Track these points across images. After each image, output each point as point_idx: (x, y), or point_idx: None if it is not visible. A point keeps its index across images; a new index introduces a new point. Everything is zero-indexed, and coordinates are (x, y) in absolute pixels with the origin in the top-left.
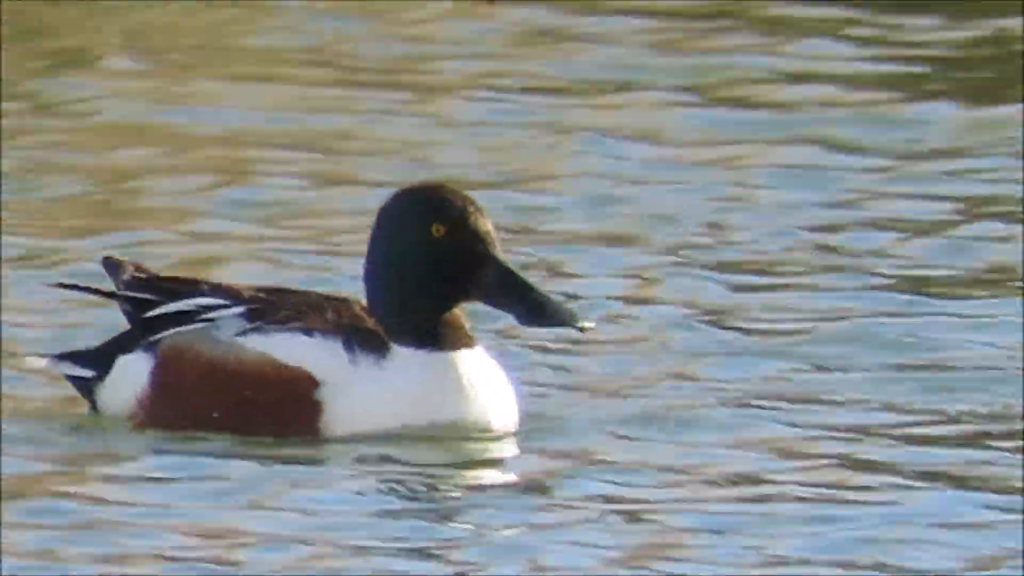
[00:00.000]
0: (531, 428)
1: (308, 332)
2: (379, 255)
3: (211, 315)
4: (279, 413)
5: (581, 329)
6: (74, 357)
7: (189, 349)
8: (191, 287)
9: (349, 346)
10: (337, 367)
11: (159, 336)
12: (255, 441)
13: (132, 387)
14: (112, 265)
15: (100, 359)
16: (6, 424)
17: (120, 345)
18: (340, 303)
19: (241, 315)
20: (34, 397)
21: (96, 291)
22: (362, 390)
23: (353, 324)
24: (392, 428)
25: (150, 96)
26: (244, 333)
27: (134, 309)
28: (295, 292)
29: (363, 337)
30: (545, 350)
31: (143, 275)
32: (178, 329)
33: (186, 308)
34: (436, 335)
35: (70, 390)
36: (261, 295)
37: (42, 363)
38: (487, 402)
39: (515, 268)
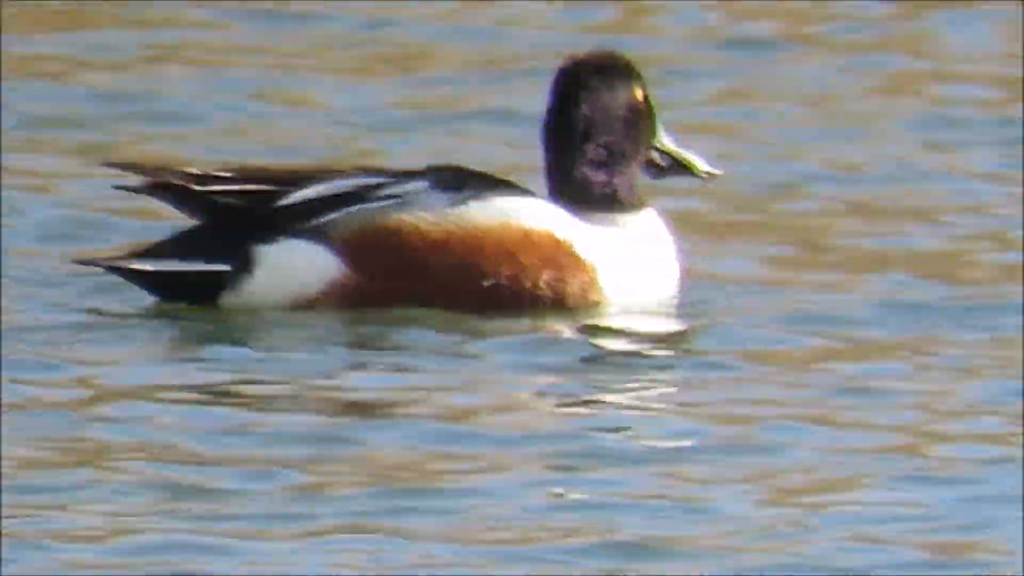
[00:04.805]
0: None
1: (527, 195)
2: (597, 121)
3: (387, 192)
4: (551, 281)
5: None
6: (179, 254)
7: (401, 225)
8: (309, 174)
9: (571, 211)
10: (584, 232)
11: (321, 220)
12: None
13: (309, 273)
14: (146, 171)
15: (223, 252)
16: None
17: (232, 238)
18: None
19: (432, 188)
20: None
21: (184, 188)
22: (616, 254)
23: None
24: (645, 290)
25: None
26: (460, 202)
27: (251, 201)
28: (443, 166)
29: (566, 203)
30: None
31: (227, 172)
32: (350, 210)
33: (340, 191)
34: (638, 197)
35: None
36: (406, 171)
37: (141, 265)
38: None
39: None
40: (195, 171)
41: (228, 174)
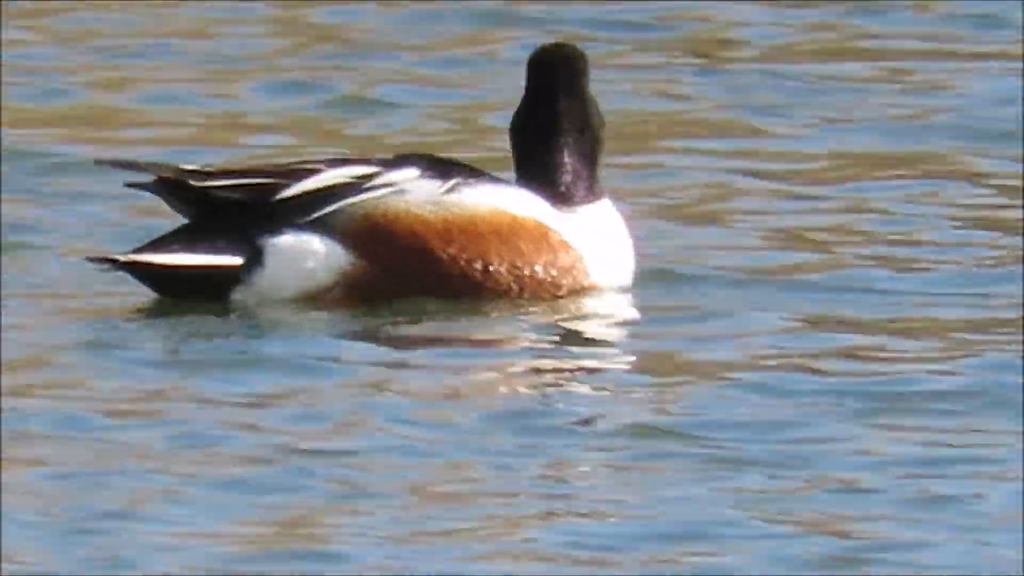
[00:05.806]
0: None
1: (502, 183)
2: (572, 111)
3: (379, 181)
4: (547, 267)
5: None
6: (186, 249)
7: (404, 214)
8: (300, 167)
9: (546, 199)
10: (564, 220)
11: (324, 211)
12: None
13: (318, 265)
14: (135, 165)
15: (231, 246)
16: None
17: (236, 232)
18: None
19: (422, 177)
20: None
21: (182, 183)
22: (594, 243)
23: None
24: (622, 278)
25: None
26: (453, 190)
27: (249, 195)
28: (418, 155)
29: (535, 192)
30: None
31: (218, 168)
32: (351, 201)
33: (336, 181)
34: (600, 187)
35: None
36: (385, 159)
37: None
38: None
39: None
40: (191, 167)
41: (223, 169)
